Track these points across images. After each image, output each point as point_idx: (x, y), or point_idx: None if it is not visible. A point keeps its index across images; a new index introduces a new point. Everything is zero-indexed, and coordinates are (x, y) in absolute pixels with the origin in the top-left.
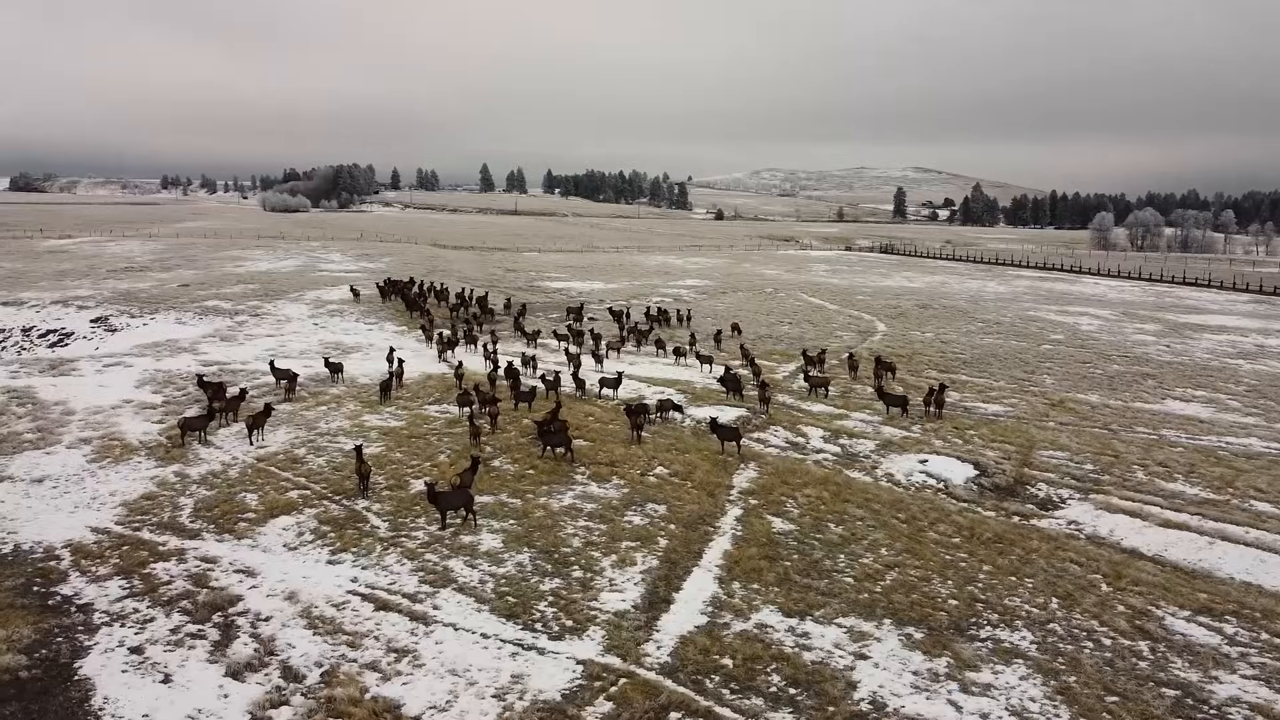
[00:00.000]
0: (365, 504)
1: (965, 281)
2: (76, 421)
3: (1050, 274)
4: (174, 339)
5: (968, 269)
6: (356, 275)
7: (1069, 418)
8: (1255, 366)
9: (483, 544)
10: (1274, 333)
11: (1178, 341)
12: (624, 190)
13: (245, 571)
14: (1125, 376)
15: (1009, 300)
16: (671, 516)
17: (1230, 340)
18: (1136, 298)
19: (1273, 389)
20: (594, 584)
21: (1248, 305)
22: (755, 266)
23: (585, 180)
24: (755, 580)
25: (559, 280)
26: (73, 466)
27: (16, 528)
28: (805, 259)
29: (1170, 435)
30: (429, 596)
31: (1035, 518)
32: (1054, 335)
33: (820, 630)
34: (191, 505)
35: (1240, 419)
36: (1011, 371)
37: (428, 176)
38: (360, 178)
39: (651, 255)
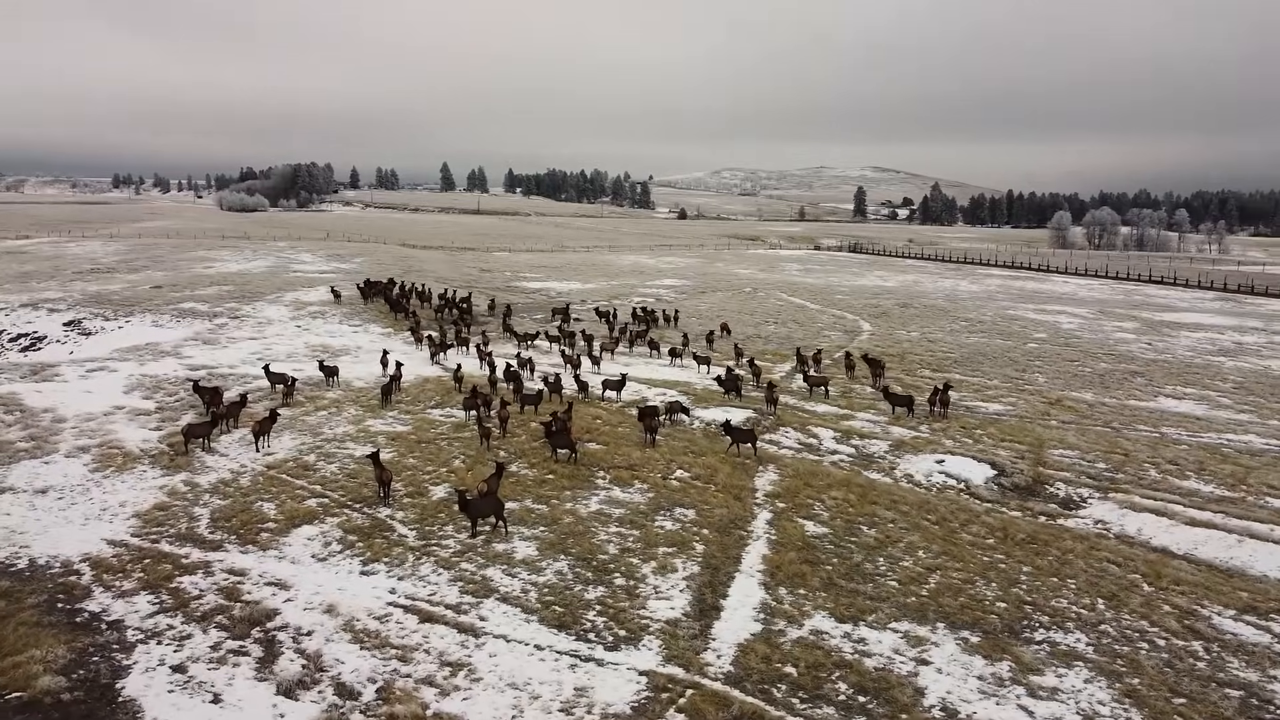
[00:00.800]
0: (388, 512)
1: (938, 280)
2: (70, 429)
3: (1020, 273)
4: (154, 342)
5: (938, 268)
6: (331, 276)
7: (1069, 416)
8: (1237, 363)
9: (517, 552)
10: (1249, 330)
11: (1158, 339)
12: (586, 190)
13: (277, 584)
14: (1115, 374)
15: (984, 299)
16: (702, 521)
17: (1209, 338)
18: (1108, 296)
19: (1259, 385)
20: (639, 592)
21: (1215, 303)
22: (728, 266)
23: (547, 179)
24: (801, 585)
25: (536, 280)
26: (75, 476)
27: (28, 541)
28: (776, 258)
29: (1171, 433)
30: (473, 607)
31: (1061, 517)
32: (1037, 334)
33: (876, 636)
34: (207, 516)
35: (1234, 416)
36: (1003, 370)
37: (387, 175)
38: (319, 177)
39: (622, 255)
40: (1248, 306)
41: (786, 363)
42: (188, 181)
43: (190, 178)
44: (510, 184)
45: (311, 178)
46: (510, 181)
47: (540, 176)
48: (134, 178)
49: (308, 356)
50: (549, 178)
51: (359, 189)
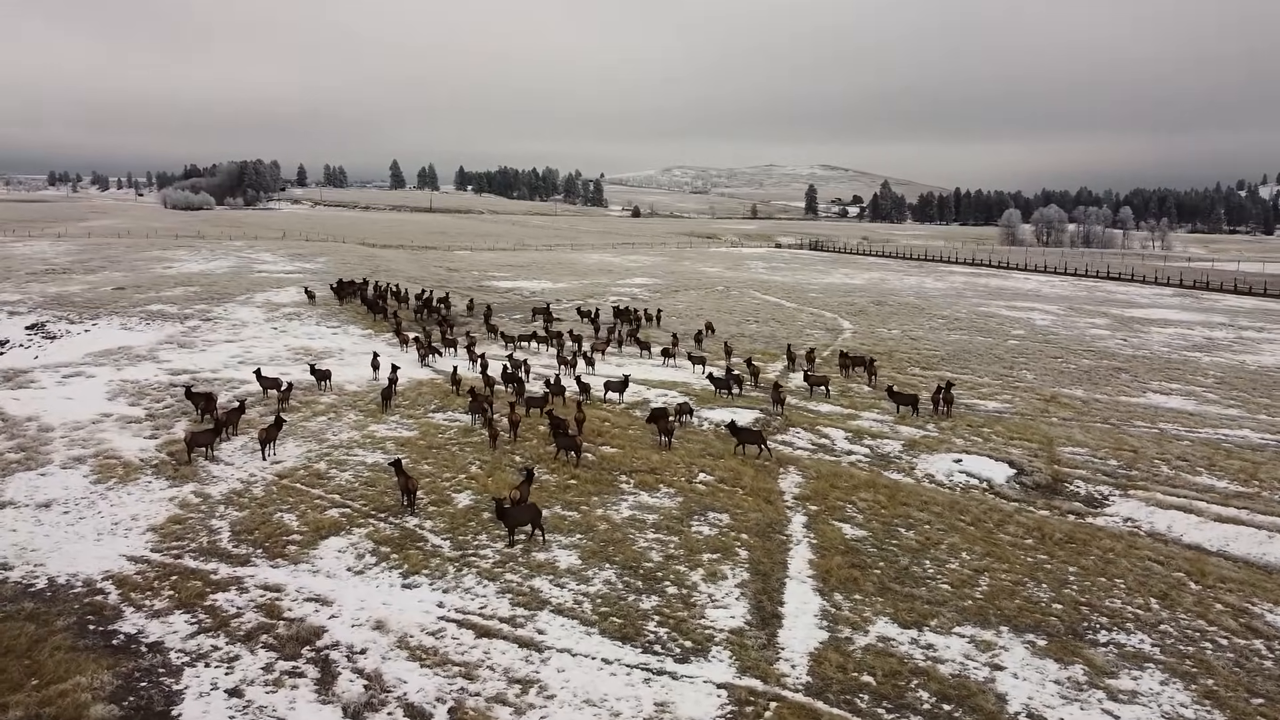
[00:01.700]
0: (416, 521)
1: (903, 278)
2: (59, 439)
3: (982, 270)
4: (126, 346)
5: (900, 265)
6: (297, 276)
7: (1068, 413)
8: (1213, 359)
9: (560, 561)
10: (1216, 325)
11: (1133, 335)
12: (538, 187)
13: (318, 600)
14: (1100, 371)
15: (954, 296)
16: (738, 525)
17: (1180, 333)
18: (1071, 292)
19: (1239, 380)
20: (694, 600)
21: (1174, 299)
22: (694, 264)
23: (499, 177)
24: (855, 590)
25: (506, 280)
26: (77, 489)
27: (43, 559)
28: (740, 256)
29: (1170, 429)
30: (528, 620)
31: (1090, 516)
32: (1015, 330)
33: (943, 641)
34: (227, 528)
35: (1223, 411)
36: (991, 367)
37: (335, 173)
38: (266, 174)
39: (586, 253)
40: (1205, 302)
41: (777, 361)
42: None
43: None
44: (461, 181)
45: (258, 175)
46: (461, 179)
47: (492, 174)
48: (71, 175)
49: (290, 360)
50: (501, 175)
51: (306, 186)
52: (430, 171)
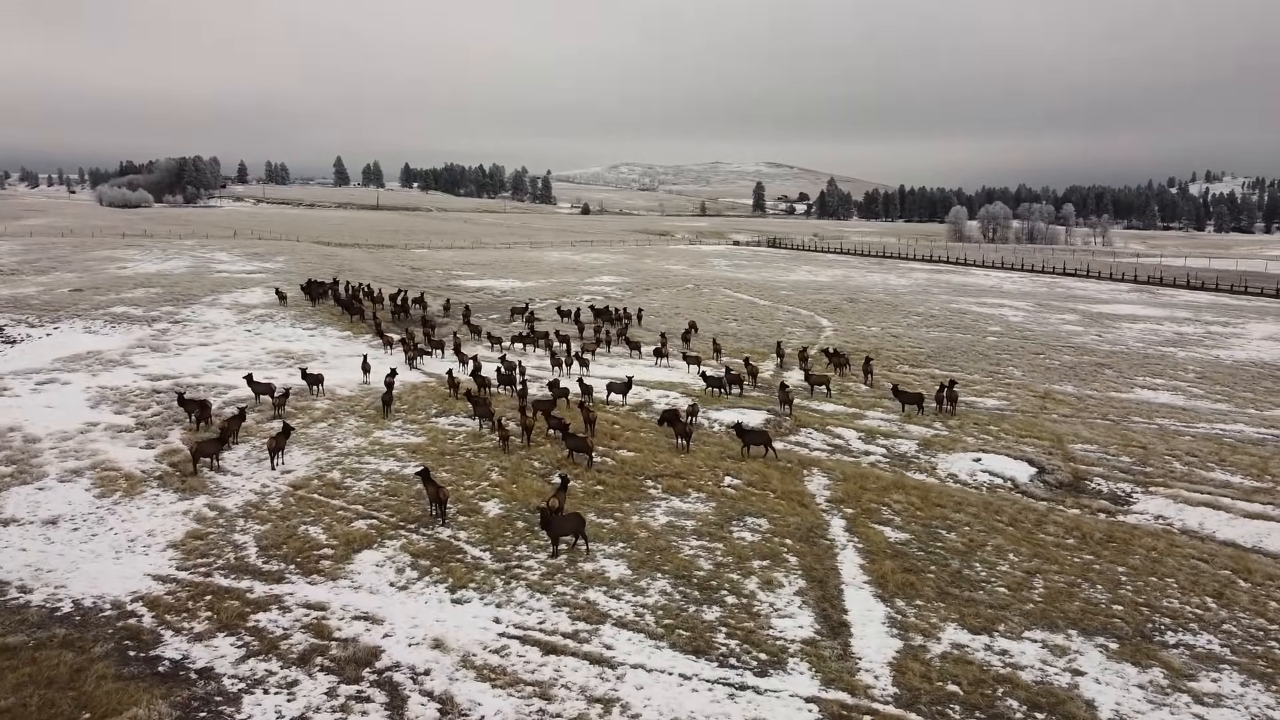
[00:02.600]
0: (449, 532)
1: (866, 275)
2: (49, 450)
3: (941, 267)
4: (96, 350)
5: (860, 262)
6: (259, 277)
7: (1067, 410)
8: (1188, 354)
9: (609, 571)
10: (1183, 320)
11: (1105, 331)
12: (485, 185)
13: (366, 618)
14: (1083, 367)
15: (920, 292)
16: (778, 530)
17: (1150, 329)
18: (1031, 288)
19: (1218, 374)
20: (756, 610)
21: (1132, 294)
22: (657, 262)
23: (445, 174)
24: (916, 596)
25: (473, 279)
26: (81, 504)
27: (62, 580)
28: (701, 254)
29: (1168, 424)
30: (591, 635)
31: (1121, 514)
32: (991, 328)
33: (1017, 647)
34: (252, 543)
35: (1212, 405)
36: (978, 364)
37: (277, 170)
38: (206, 171)
39: (545, 251)
40: (1162, 297)
41: (768, 360)
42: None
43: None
44: (407, 179)
45: (198, 172)
46: (407, 176)
47: (438, 171)
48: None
49: (272, 363)
50: (447, 172)
51: (248, 184)
52: (375, 168)
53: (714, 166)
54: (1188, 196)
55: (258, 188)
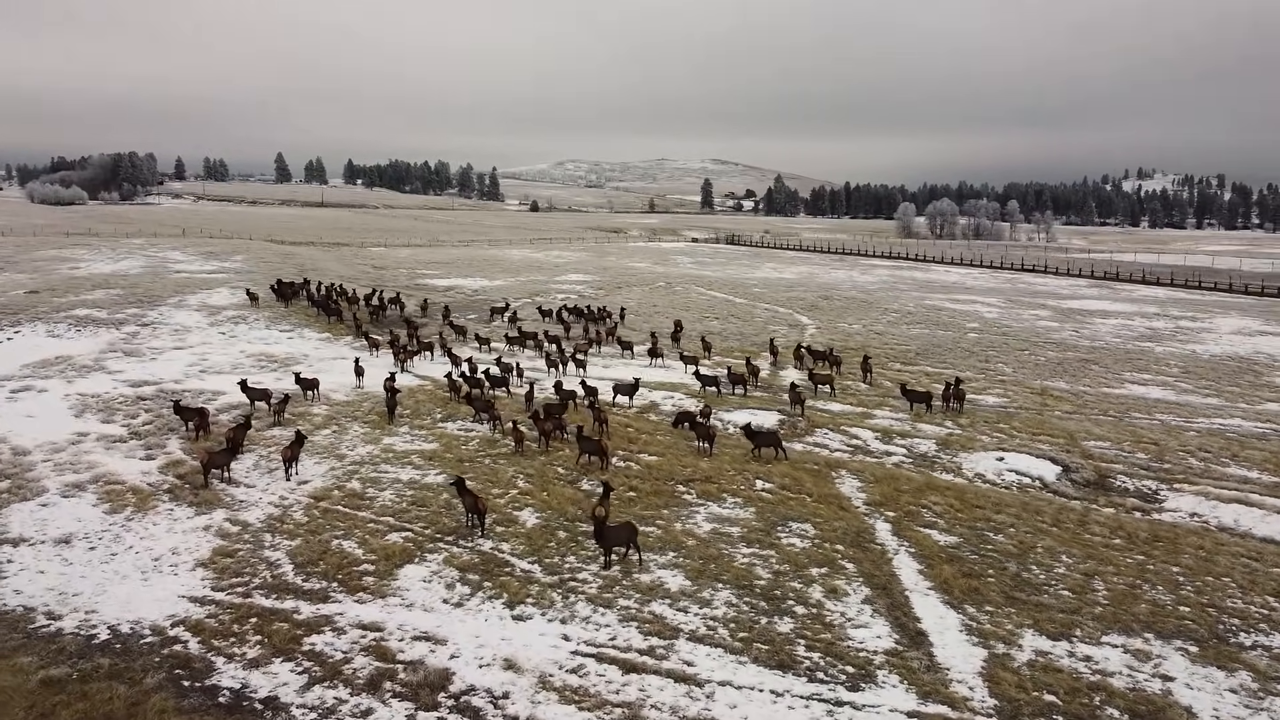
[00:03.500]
0: (490, 544)
1: (830, 271)
2: (41, 462)
3: (901, 263)
4: (65, 355)
5: (822, 259)
6: (220, 277)
7: (1068, 406)
8: (1166, 349)
9: (667, 582)
10: (1152, 316)
11: (1081, 327)
12: (432, 181)
13: (427, 638)
14: (1070, 363)
15: (889, 289)
16: (826, 535)
17: (1123, 324)
18: (996, 284)
19: (1200, 369)
20: (828, 620)
21: (1093, 289)
22: (620, 260)
23: (390, 171)
24: (984, 602)
25: (440, 278)
26: (92, 520)
27: (91, 604)
28: (662, 251)
29: (1169, 420)
30: (667, 650)
31: (1155, 512)
32: (970, 324)
33: (1099, 652)
34: (286, 560)
35: (1204, 400)
36: (968, 361)
37: (216, 166)
38: (142, 167)
39: (505, 249)
40: (1122, 292)
41: (760, 360)
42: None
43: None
44: (351, 175)
45: (134, 168)
46: (351, 173)
47: (383, 168)
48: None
49: (255, 367)
50: (392, 169)
51: (185, 180)
52: (318, 164)
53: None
54: (1122, 193)
55: (197, 184)
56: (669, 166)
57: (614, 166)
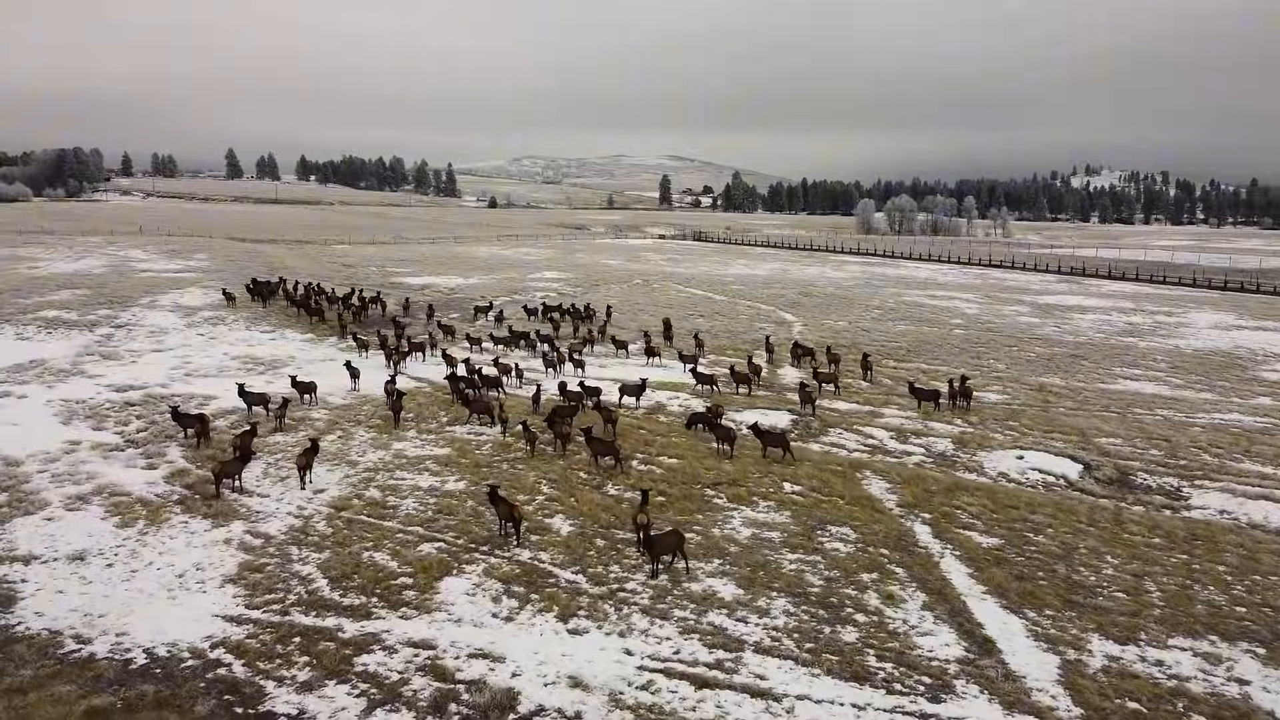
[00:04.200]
0: (529, 554)
1: (804, 269)
2: (37, 474)
3: (871, 259)
4: (40, 359)
5: (791, 255)
6: (189, 276)
7: (1070, 403)
8: (1149, 344)
9: (719, 591)
10: (1129, 310)
11: (1062, 322)
12: (387, 178)
13: (484, 655)
14: (1059, 358)
15: (864, 285)
16: (867, 539)
17: (1102, 319)
18: (967, 280)
19: (1186, 364)
20: (892, 628)
21: (1062, 285)
22: (591, 257)
23: (344, 167)
24: (1044, 605)
25: (413, 276)
26: (104, 535)
27: (120, 626)
28: (630, 248)
29: (1171, 415)
30: (736, 664)
31: (1183, 509)
32: (953, 321)
33: (1170, 656)
34: (319, 574)
35: (1198, 395)
36: (960, 358)
37: (164, 162)
38: (89, 163)
39: (472, 246)
40: (1090, 288)
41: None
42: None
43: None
44: (304, 171)
45: (81, 164)
46: (304, 169)
47: (337, 164)
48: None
49: (241, 370)
50: (346, 165)
51: (133, 176)
52: (270, 160)
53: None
54: (1071, 189)
55: (145, 180)
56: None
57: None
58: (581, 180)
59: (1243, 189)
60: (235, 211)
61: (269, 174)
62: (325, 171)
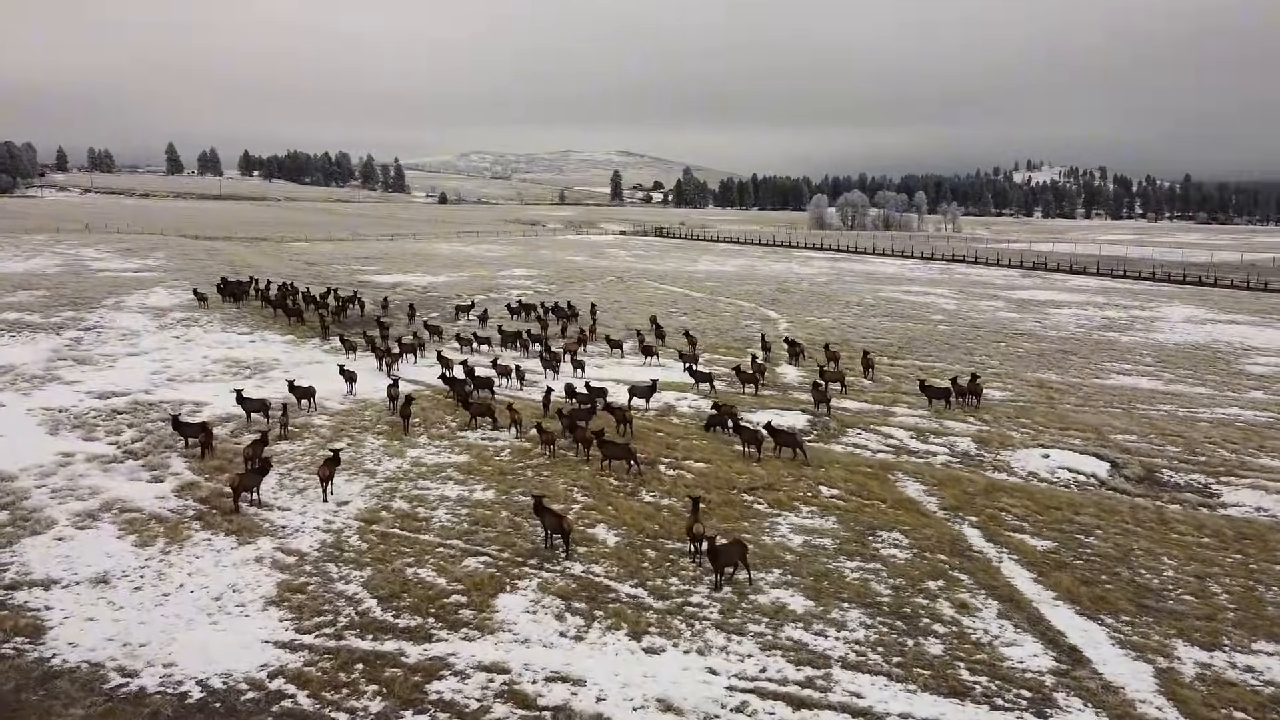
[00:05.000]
0: (581, 567)
1: (771, 264)
2: (35, 489)
3: (835, 255)
4: (8, 364)
5: (755, 251)
6: (150, 275)
7: (1074, 399)
8: (1130, 339)
9: (788, 603)
10: (1102, 305)
11: (1042, 318)
12: (334, 173)
13: (561, 678)
14: (1049, 354)
15: (836, 281)
16: (921, 544)
17: (1078, 314)
18: (934, 275)
19: (1171, 358)
20: (975, 638)
21: (1028, 280)
22: (555, 253)
23: (289, 162)
24: (1119, 611)
25: (380, 274)
26: (123, 556)
27: (164, 656)
28: (593, 244)
29: (1173, 410)
30: (827, 681)
31: (1218, 507)
32: (934, 316)
33: (1260, 662)
34: (365, 594)
35: (1192, 390)
36: (952, 355)
37: (101, 157)
38: (21, 158)
39: (433, 243)
40: (1056, 282)
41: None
42: None
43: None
44: (247, 166)
45: (13, 159)
46: (247, 164)
47: (281, 159)
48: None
49: (226, 374)
50: (291, 160)
51: (68, 172)
52: (212, 155)
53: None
54: (1014, 185)
55: (83, 176)
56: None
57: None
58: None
59: (1177, 184)
60: (179, 208)
61: (211, 169)
62: (270, 167)
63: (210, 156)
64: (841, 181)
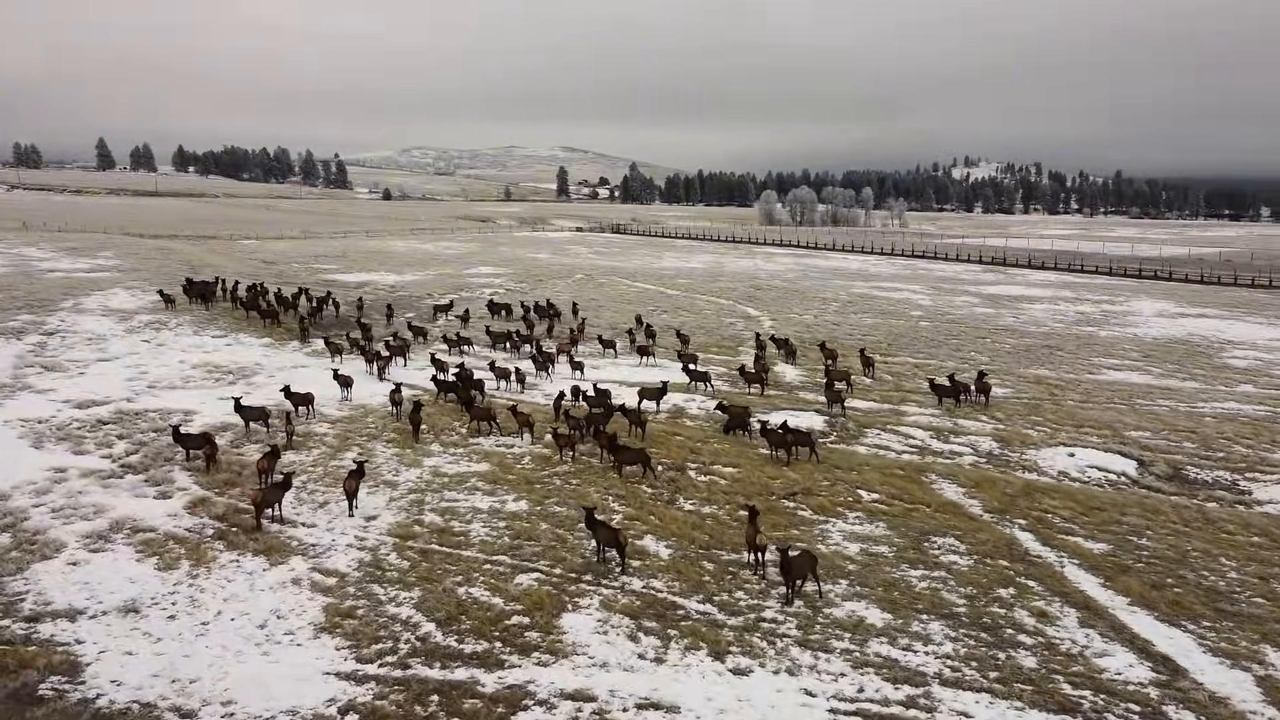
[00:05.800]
0: (640, 583)
1: (737, 261)
2: (33, 509)
3: (799, 251)
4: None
5: (716, 248)
6: (105, 276)
7: (1077, 395)
8: (1109, 333)
9: (866, 616)
10: (1074, 300)
11: (1017, 313)
12: (273, 169)
13: (654, 705)
14: (1035, 350)
15: (806, 277)
16: (979, 550)
17: (1053, 310)
18: (899, 271)
19: (1155, 352)
20: (1064, 649)
21: (991, 275)
22: (517, 251)
23: (226, 157)
24: (1198, 616)
25: (343, 273)
26: (147, 581)
27: (219, 693)
28: (553, 242)
29: (1175, 405)
30: (930, 700)
31: (1253, 505)
32: (913, 313)
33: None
34: (421, 617)
35: (1184, 384)
36: (942, 351)
37: (27, 152)
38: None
39: (386, 240)
40: (1018, 277)
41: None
42: None
43: None
44: (182, 162)
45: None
46: (182, 159)
47: (218, 154)
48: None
49: (207, 380)
50: (228, 156)
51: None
52: (145, 151)
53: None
54: (954, 181)
55: (9, 172)
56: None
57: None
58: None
59: (1109, 180)
60: (115, 205)
61: (145, 165)
62: (205, 162)
63: (143, 152)
64: (786, 177)
